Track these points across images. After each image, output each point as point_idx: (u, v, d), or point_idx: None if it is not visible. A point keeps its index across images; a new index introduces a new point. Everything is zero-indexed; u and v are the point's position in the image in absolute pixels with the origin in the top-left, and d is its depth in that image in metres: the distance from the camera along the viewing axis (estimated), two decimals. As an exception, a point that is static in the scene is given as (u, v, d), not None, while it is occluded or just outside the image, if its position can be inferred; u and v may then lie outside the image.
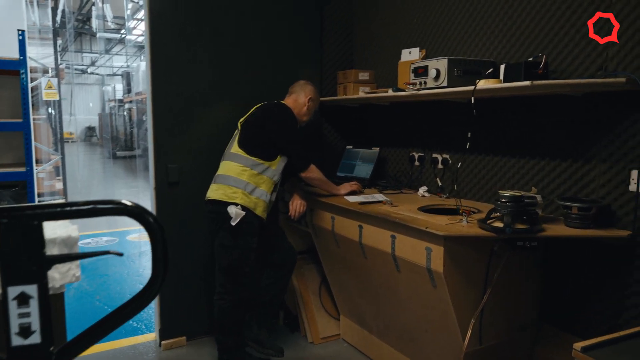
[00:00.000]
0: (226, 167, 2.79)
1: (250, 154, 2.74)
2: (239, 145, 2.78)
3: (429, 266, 2.20)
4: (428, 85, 2.52)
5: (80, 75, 23.97)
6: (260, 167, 2.74)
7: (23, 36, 4.34)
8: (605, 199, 2.16)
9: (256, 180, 2.73)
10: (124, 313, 0.85)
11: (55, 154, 8.20)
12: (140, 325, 3.60)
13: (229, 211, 2.65)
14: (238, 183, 2.70)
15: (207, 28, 3.14)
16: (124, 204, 0.81)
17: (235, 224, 2.65)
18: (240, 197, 2.69)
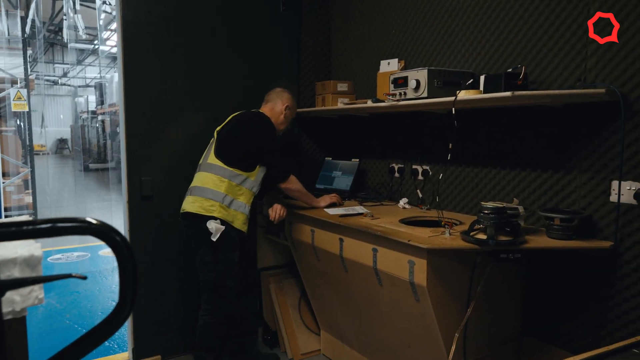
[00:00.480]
0: (203, 178, 2.70)
1: (228, 164, 2.66)
2: (216, 155, 2.69)
3: (411, 280, 2.15)
4: (408, 96, 2.49)
5: (52, 86, 23.49)
6: (239, 178, 2.66)
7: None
8: (587, 209, 2.16)
9: (235, 192, 2.65)
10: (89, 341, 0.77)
11: (24, 167, 7.96)
12: (112, 344, 3.45)
13: (209, 227, 2.57)
14: (216, 195, 2.62)
15: (180, 38, 3.07)
16: (87, 222, 0.73)
17: (216, 239, 2.57)
18: (217, 210, 2.60)
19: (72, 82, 23.06)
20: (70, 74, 21.70)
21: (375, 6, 3.28)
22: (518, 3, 2.35)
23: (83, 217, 0.73)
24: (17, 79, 7.40)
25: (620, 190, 2.01)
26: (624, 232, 2.02)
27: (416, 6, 2.95)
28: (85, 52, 17.88)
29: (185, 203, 2.72)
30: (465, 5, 2.64)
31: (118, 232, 0.74)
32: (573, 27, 2.13)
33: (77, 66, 19.87)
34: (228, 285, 2.71)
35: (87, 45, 16.47)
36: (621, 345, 1.42)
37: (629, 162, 1.99)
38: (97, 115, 18.68)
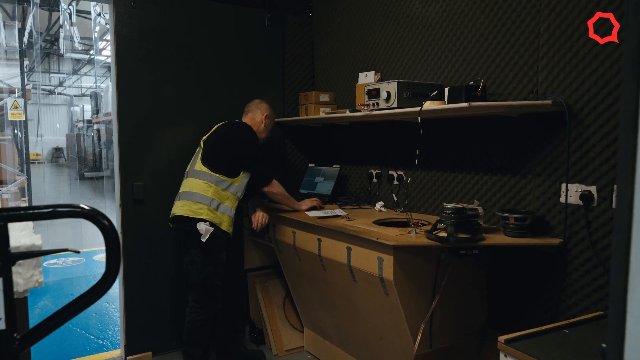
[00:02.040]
0: (190, 183, 2.89)
1: (214, 170, 2.85)
2: (203, 163, 2.89)
3: (381, 275, 2.34)
4: (380, 106, 2.70)
5: (48, 95, 23.66)
6: (224, 184, 2.85)
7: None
8: (540, 210, 2.36)
9: (221, 197, 2.84)
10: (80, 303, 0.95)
11: (20, 175, 8.12)
12: (105, 342, 3.62)
13: (199, 228, 2.74)
14: (203, 199, 2.81)
15: (169, 52, 3.28)
16: (81, 207, 0.93)
17: (205, 240, 2.75)
18: (206, 213, 2.79)
19: (67, 92, 23.25)
20: (66, 84, 21.89)
21: (355, 22, 3.50)
22: (479, 21, 2.57)
23: (77, 204, 0.92)
24: (14, 89, 7.58)
25: (568, 192, 2.22)
26: (572, 230, 2.23)
27: (392, 23, 3.17)
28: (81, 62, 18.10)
29: (174, 207, 2.90)
30: (434, 23, 2.85)
31: (104, 216, 0.93)
32: (526, 44, 2.35)
33: (73, 76, 20.08)
34: (216, 285, 2.89)
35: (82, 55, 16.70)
36: (555, 325, 1.61)
37: (574, 167, 2.19)
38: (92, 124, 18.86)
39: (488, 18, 2.52)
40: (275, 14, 3.66)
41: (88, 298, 0.94)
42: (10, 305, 0.87)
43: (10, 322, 0.87)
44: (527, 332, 1.58)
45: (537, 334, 1.57)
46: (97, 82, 19.77)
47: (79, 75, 20.04)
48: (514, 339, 1.55)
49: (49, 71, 21.24)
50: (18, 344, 0.89)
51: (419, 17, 2.95)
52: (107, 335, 3.73)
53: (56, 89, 22.98)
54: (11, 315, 0.87)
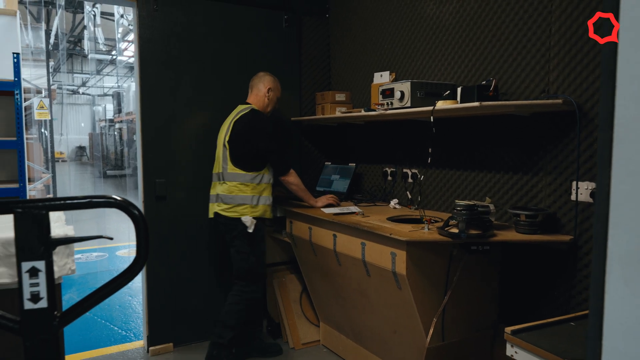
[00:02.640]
0: (229, 187, 3.02)
1: (246, 169, 3.01)
2: (234, 164, 3.02)
3: (394, 269, 2.41)
4: (394, 105, 2.77)
5: (72, 95, 24.18)
6: (258, 178, 3.02)
7: (18, 59, 4.56)
8: (551, 207, 2.40)
9: (259, 191, 3.03)
10: (112, 286, 1.05)
11: (46, 173, 8.36)
12: (129, 333, 3.75)
13: (244, 221, 2.96)
14: (245, 200, 3.00)
15: (190, 53, 3.39)
16: (114, 198, 1.02)
17: (251, 231, 2.96)
18: (249, 211, 2.99)
19: (90, 91, 23.74)
20: (89, 83, 22.35)
21: (370, 23, 3.57)
22: (492, 22, 2.62)
23: (110, 195, 1.02)
24: (40, 89, 7.82)
25: (579, 190, 2.26)
26: (583, 227, 2.26)
27: (406, 24, 3.23)
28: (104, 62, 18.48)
29: (218, 208, 3.05)
30: (447, 24, 2.91)
31: (135, 206, 1.02)
32: (537, 45, 2.39)
33: (96, 76, 20.49)
34: (259, 273, 3.09)
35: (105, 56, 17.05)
36: (561, 318, 1.67)
37: (585, 165, 2.23)
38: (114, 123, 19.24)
39: (500, 19, 2.57)
40: (292, 16, 3.75)
41: (120, 281, 1.04)
42: (51, 286, 0.97)
43: (51, 301, 0.96)
44: (534, 323, 1.64)
45: (543, 325, 1.63)
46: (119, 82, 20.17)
47: (102, 76, 20.44)
48: (521, 330, 1.61)
49: (73, 71, 21.71)
50: (58, 321, 0.98)
51: (433, 18, 3.01)
52: (130, 327, 3.87)
53: (79, 89, 23.47)
54: (52, 295, 0.97)
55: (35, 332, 0.95)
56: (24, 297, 0.94)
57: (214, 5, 3.44)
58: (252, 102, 3.17)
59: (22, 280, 0.94)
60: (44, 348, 0.96)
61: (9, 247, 1.36)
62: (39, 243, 0.95)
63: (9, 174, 4.77)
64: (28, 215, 0.94)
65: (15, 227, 0.94)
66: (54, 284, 0.98)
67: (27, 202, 0.95)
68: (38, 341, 0.95)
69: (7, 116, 4.74)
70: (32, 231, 0.94)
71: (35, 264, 0.95)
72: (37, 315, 0.95)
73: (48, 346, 0.96)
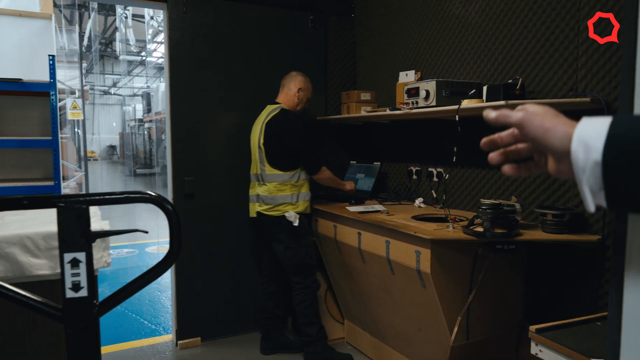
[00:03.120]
0: (269, 188, 3.10)
1: (284, 169, 3.08)
2: (272, 165, 3.09)
3: (418, 268, 2.42)
4: (419, 104, 2.78)
5: (103, 95, 24.78)
6: (296, 176, 3.09)
7: (53, 61, 4.72)
8: (579, 207, 2.37)
9: (297, 189, 3.10)
10: (146, 278, 1.10)
11: (79, 171, 8.62)
12: (158, 327, 3.86)
13: (288, 217, 3.04)
14: (285, 199, 3.07)
15: (219, 54, 3.46)
16: (149, 194, 1.08)
17: (297, 225, 3.05)
18: (291, 208, 3.07)
19: (121, 92, 24.29)
20: (120, 84, 22.86)
21: (396, 22, 3.58)
22: (519, 20, 2.60)
23: (145, 191, 1.07)
24: (74, 90, 8.06)
25: (607, 189, 2.23)
26: (611, 227, 2.23)
27: (431, 22, 3.23)
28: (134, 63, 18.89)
29: (259, 208, 3.14)
30: (473, 22, 2.90)
31: (169, 202, 1.08)
32: (565, 42, 2.37)
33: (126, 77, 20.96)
34: (312, 264, 3.17)
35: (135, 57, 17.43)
36: (587, 317, 1.66)
37: (614, 164, 2.20)
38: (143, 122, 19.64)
39: (527, 17, 2.55)
40: (318, 16, 3.79)
41: (153, 273, 1.09)
42: (91, 276, 1.03)
43: (91, 290, 1.02)
44: (559, 322, 1.63)
45: (568, 325, 1.63)
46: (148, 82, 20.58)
47: (132, 76, 20.89)
48: (545, 328, 1.61)
49: (104, 72, 22.26)
50: (97, 310, 1.04)
51: (459, 16, 3.00)
52: (159, 321, 3.97)
53: (110, 89, 24.04)
54: (91, 285, 1.03)
55: (76, 319, 1.01)
56: (66, 286, 1.01)
57: (241, 6, 3.51)
58: (282, 101, 3.22)
59: (64, 271, 1.01)
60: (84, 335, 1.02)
61: (50, 240, 1.44)
62: (80, 235, 1.01)
63: (44, 172, 4.95)
64: (70, 209, 1.00)
65: (58, 220, 1.01)
66: (94, 275, 1.04)
67: (69, 197, 1.01)
68: (79, 328, 1.01)
69: (43, 116, 4.91)
70: (73, 224, 1.01)
71: (76, 255, 1.01)
72: (78, 303, 1.01)
73: (88, 333, 1.02)
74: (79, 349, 1.00)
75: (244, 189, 3.38)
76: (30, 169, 4.92)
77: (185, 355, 3.37)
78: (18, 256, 1.41)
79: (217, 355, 3.35)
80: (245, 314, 3.65)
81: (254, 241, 3.62)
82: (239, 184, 3.47)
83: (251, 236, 3.61)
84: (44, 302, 1.01)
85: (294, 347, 3.38)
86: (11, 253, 1.41)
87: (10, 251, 1.41)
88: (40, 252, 1.42)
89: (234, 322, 3.63)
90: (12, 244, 1.40)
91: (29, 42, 4.86)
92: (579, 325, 1.63)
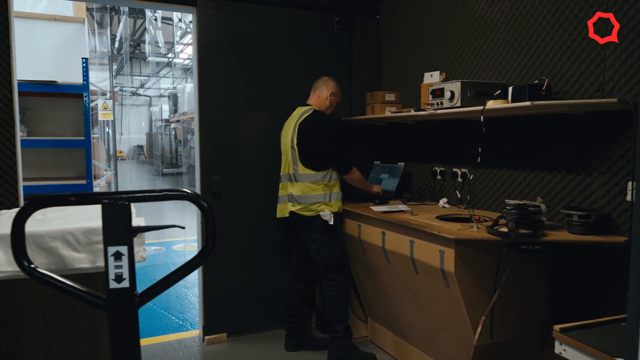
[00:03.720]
0: (301, 187, 3.16)
1: (317, 169, 3.14)
2: (305, 165, 3.15)
3: (442, 267, 2.45)
4: (444, 105, 2.79)
5: (130, 96, 25.30)
6: (328, 176, 3.16)
7: (86, 63, 4.89)
8: (605, 208, 2.36)
9: (330, 188, 3.17)
10: (183, 271, 1.17)
11: (108, 170, 8.84)
12: (185, 323, 3.96)
13: (323, 216, 3.10)
14: (318, 198, 3.13)
15: (245, 56, 3.53)
16: (186, 192, 1.14)
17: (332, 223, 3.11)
18: (323, 208, 3.13)
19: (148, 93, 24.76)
20: (147, 85, 23.31)
21: (420, 23, 3.59)
22: (545, 21, 2.60)
23: (183, 189, 1.13)
24: (105, 91, 8.28)
25: (634, 191, 2.21)
26: (638, 229, 2.22)
27: (456, 23, 3.25)
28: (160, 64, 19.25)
29: (292, 207, 3.21)
30: (499, 23, 2.90)
31: (204, 199, 1.14)
32: (593, 43, 2.36)
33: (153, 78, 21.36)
34: (346, 262, 3.22)
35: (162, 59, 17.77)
36: (612, 318, 1.66)
37: (641, 165, 2.19)
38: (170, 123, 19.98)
39: (554, 17, 2.55)
40: (343, 18, 3.83)
41: (189, 267, 1.15)
42: (132, 268, 1.10)
43: (132, 282, 1.09)
44: (583, 322, 1.64)
45: (593, 325, 1.63)
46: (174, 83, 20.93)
47: (158, 77, 21.29)
48: (570, 328, 1.62)
49: (131, 74, 22.73)
50: (138, 300, 1.11)
51: (484, 17, 3.01)
52: (186, 317, 4.07)
53: (138, 90, 24.53)
54: (132, 276, 1.09)
55: (119, 308, 1.08)
56: (110, 277, 1.08)
57: (268, 9, 3.58)
58: (313, 104, 3.29)
59: (108, 263, 1.08)
60: (126, 323, 1.08)
61: (89, 235, 1.52)
62: (123, 230, 1.08)
63: (75, 171, 5.12)
64: (114, 205, 1.07)
65: (103, 216, 1.08)
66: (134, 267, 1.11)
67: (113, 194, 1.08)
68: (121, 317, 1.08)
69: (75, 117, 5.08)
70: (116, 219, 1.07)
71: (119, 249, 1.08)
72: (120, 293, 1.08)
73: (129, 321, 1.09)
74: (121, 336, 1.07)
75: (271, 188, 3.45)
76: (63, 167, 5.09)
77: (211, 350, 3.45)
78: (60, 250, 1.49)
79: (242, 350, 3.43)
80: (270, 311, 3.72)
81: (281, 240, 3.69)
82: (266, 184, 3.54)
83: (277, 235, 3.67)
84: (89, 292, 1.08)
85: (318, 345, 3.43)
86: (54, 247, 1.49)
87: (54, 245, 1.49)
88: (81, 246, 1.50)
89: (259, 319, 3.70)
90: (55, 239, 1.49)
91: (63, 46, 5.03)
92: (603, 325, 1.64)
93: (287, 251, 3.68)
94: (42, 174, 4.91)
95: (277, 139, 3.42)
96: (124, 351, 1.05)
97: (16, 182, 3.01)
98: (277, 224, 3.60)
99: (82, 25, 5.12)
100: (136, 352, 1.06)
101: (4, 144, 2.97)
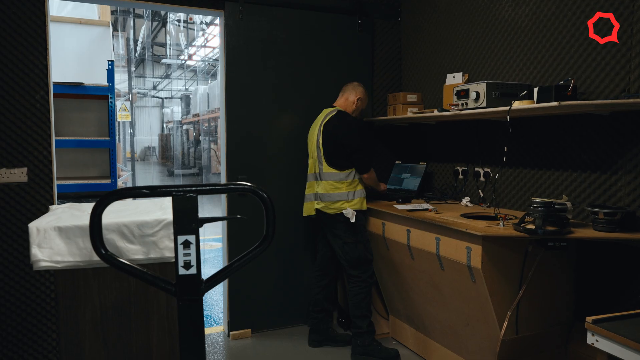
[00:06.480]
0: (325, 186, 3.26)
1: (341, 169, 3.24)
2: (329, 165, 3.25)
3: (469, 263, 2.51)
4: (469, 106, 2.85)
5: (142, 98, 25.53)
6: (352, 175, 3.25)
7: (112, 66, 5.00)
8: (631, 206, 2.41)
9: (353, 186, 3.25)
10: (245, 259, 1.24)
11: (125, 170, 8.97)
12: (209, 319, 4.04)
13: (345, 214, 3.18)
14: (341, 197, 3.22)
15: (271, 58, 3.62)
16: (248, 185, 1.22)
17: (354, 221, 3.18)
18: (347, 206, 3.21)
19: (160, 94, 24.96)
20: (159, 87, 23.52)
21: (442, 25, 3.66)
22: (570, 22, 2.65)
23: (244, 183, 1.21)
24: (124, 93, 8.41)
25: (660, 188, 2.26)
26: (664, 226, 2.27)
27: (479, 24, 3.31)
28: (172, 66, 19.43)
29: (317, 205, 3.30)
30: (522, 25, 2.96)
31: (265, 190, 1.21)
32: (618, 45, 2.42)
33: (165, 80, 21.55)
34: (369, 259, 3.29)
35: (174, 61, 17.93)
36: None
37: (667, 163, 2.24)
38: (182, 124, 20.14)
39: (580, 19, 2.60)
40: (365, 21, 3.91)
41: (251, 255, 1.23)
42: (198, 256, 1.17)
43: (198, 269, 1.17)
44: (615, 314, 1.70)
45: (625, 317, 1.69)
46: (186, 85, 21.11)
47: (170, 79, 21.48)
48: (602, 319, 1.67)
49: (144, 76, 22.95)
50: (204, 286, 1.19)
51: (508, 19, 3.07)
52: (211, 313, 4.16)
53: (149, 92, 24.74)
54: (199, 264, 1.17)
55: (187, 293, 1.16)
56: (179, 264, 1.15)
57: (294, 12, 3.66)
58: (339, 106, 3.38)
59: (177, 251, 1.15)
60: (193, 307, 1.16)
61: (143, 228, 1.60)
62: (191, 220, 1.16)
63: (98, 171, 5.23)
64: (183, 197, 1.15)
65: (173, 207, 1.15)
66: (200, 255, 1.18)
67: (182, 187, 1.16)
68: (188, 301, 1.16)
69: (98, 118, 5.19)
70: (185, 210, 1.15)
71: (188, 238, 1.15)
72: (188, 280, 1.16)
73: (196, 306, 1.16)
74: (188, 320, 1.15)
75: (295, 188, 3.52)
76: (87, 167, 5.21)
77: (236, 346, 3.53)
78: (117, 242, 1.57)
79: (267, 346, 3.50)
80: (294, 308, 3.79)
81: (306, 238, 3.76)
82: (292, 183, 3.62)
83: (302, 234, 3.75)
84: (161, 278, 1.16)
85: (341, 341, 3.50)
86: (111, 239, 1.57)
87: (110, 237, 1.57)
88: (135, 238, 1.58)
89: (283, 315, 3.78)
90: (112, 231, 1.57)
91: (88, 48, 5.15)
92: (635, 317, 1.69)
93: (311, 250, 3.75)
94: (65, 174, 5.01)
95: (302, 140, 3.50)
96: (191, 333, 1.12)
97: (51, 180, 3.11)
98: (302, 223, 3.68)
99: (107, 28, 5.23)
100: (201, 335, 1.13)
101: (41, 143, 3.07)
